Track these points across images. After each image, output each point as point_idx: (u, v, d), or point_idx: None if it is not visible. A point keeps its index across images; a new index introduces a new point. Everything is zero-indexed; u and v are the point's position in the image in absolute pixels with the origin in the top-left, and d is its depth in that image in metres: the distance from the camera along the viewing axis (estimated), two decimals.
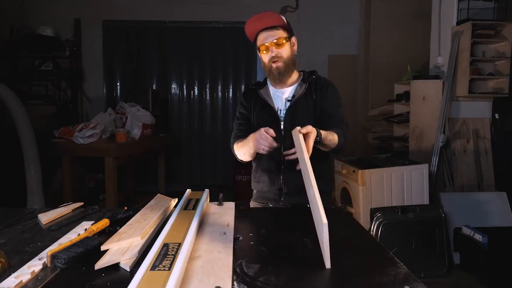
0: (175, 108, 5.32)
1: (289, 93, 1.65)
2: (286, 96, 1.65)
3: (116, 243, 0.98)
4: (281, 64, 1.57)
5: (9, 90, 3.27)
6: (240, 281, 0.83)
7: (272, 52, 1.56)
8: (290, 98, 1.64)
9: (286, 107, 1.63)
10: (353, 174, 3.01)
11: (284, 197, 1.63)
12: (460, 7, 3.55)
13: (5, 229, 1.20)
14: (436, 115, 3.55)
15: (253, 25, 1.58)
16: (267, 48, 1.57)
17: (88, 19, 5.08)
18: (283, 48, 1.57)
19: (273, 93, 1.68)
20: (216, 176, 5.31)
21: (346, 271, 0.91)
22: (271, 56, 1.56)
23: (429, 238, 2.81)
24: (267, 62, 1.59)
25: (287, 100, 1.64)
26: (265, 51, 1.58)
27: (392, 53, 4.69)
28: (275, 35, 1.55)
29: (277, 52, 1.56)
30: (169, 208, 1.37)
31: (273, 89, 1.69)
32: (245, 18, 1.57)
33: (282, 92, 1.67)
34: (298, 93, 1.62)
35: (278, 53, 1.56)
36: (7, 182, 3.53)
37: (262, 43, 1.57)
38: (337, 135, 1.47)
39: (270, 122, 1.61)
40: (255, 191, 1.77)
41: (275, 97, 1.67)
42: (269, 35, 1.56)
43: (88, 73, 5.18)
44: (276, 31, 1.56)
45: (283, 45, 1.56)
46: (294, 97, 1.63)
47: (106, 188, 3.43)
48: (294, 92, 1.64)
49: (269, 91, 1.69)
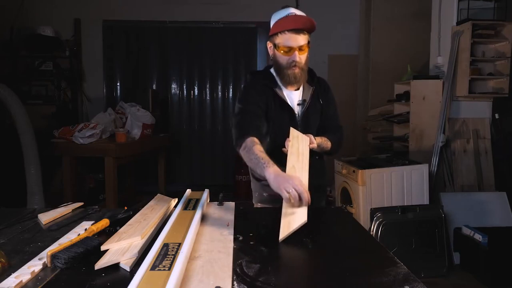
0: (175, 108, 5.32)
1: (299, 96, 1.64)
2: (296, 99, 1.64)
3: (116, 243, 0.98)
4: (299, 70, 1.53)
5: (9, 90, 3.28)
6: (240, 281, 0.83)
7: (295, 57, 1.50)
8: (300, 102, 1.63)
9: (297, 110, 1.62)
10: (353, 174, 3.01)
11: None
12: (460, 7, 3.55)
13: (5, 229, 1.20)
14: (436, 115, 3.55)
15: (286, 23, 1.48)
16: (290, 49, 1.49)
17: (88, 19, 5.07)
18: (305, 54, 1.53)
19: (287, 95, 1.63)
20: (216, 176, 5.31)
21: (346, 271, 0.91)
22: (292, 61, 1.50)
23: (429, 238, 2.81)
24: (285, 63, 1.53)
25: (297, 104, 1.63)
26: (287, 52, 1.50)
27: (392, 53, 4.69)
28: (302, 40, 1.49)
29: (299, 57, 1.51)
30: (169, 208, 1.37)
31: (285, 90, 1.63)
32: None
33: (294, 94, 1.64)
34: (307, 97, 1.63)
35: (300, 59, 1.51)
36: (7, 182, 3.53)
37: (286, 44, 1.49)
38: (331, 142, 1.57)
39: (290, 125, 1.58)
40: (265, 194, 1.67)
41: (289, 99, 1.63)
42: (296, 38, 1.48)
43: (88, 73, 5.17)
44: (302, 35, 1.49)
45: (305, 51, 1.52)
46: (304, 101, 1.63)
47: (106, 188, 3.43)
48: (304, 96, 1.63)
49: (283, 92, 1.63)
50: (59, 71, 4.86)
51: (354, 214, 2.96)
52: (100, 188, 3.99)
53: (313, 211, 1.40)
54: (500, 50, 3.53)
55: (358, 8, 5.15)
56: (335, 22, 5.12)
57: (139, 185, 4.77)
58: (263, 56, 5.20)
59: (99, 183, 4.08)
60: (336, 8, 5.15)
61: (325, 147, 1.54)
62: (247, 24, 5.07)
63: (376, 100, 4.69)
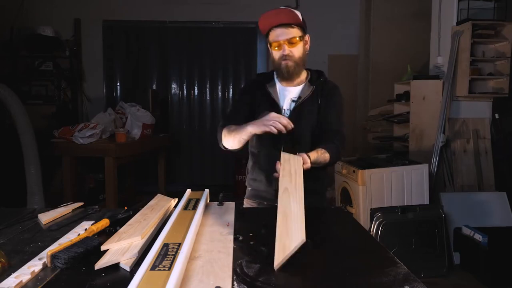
0: (175, 108, 5.32)
1: (296, 93, 1.62)
2: (292, 96, 1.62)
3: (116, 243, 0.98)
4: (292, 63, 1.53)
5: (9, 90, 3.28)
6: (240, 281, 0.83)
7: (284, 51, 1.52)
8: (295, 99, 1.61)
9: (291, 108, 1.60)
10: (353, 174, 3.01)
11: None
12: (460, 7, 3.55)
13: (5, 229, 1.20)
14: (436, 115, 3.55)
15: (268, 20, 1.52)
16: (279, 45, 1.52)
17: (88, 19, 5.07)
18: (296, 47, 1.52)
19: (280, 91, 1.64)
20: (216, 176, 5.31)
21: (346, 271, 0.91)
22: (283, 54, 1.52)
23: (429, 238, 2.81)
24: (277, 59, 1.55)
25: (292, 100, 1.61)
26: (277, 47, 1.53)
27: (392, 53, 4.69)
28: (290, 33, 1.50)
29: (289, 51, 1.52)
30: (169, 208, 1.37)
31: (280, 86, 1.64)
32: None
33: (289, 91, 1.63)
34: (304, 95, 1.59)
35: (290, 52, 1.52)
36: (7, 182, 3.53)
37: (275, 40, 1.52)
38: (329, 155, 1.47)
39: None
40: (249, 189, 1.74)
41: (281, 95, 1.63)
42: (283, 32, 1.50)
43: (88, 73, 5.17)
44: (291, 29, 1.50)
45: (296, 44, 1.52)
46: (299, 99, 1.59)
47: (106, 188, 3.43)
48: (301, 93, 1.61)
49: (276, 88, 1.64)
50: (59, 71, 4.86)
51: (354, 214, 2.96)
52: (100, 188, 3.99)
53: (313, 211, 1.40)
54: (500, 50, 3.53)
55: (358, 8, 5.15)
56: (335, 22, 5.12)
57: (139, 185, 4.77)
58: (263, 56, 5.20)
59: (99, 183, 4.08)
60: (336, 8, 5.15)
61: (322, 161, 1.45)
62: (247, 24, 5.07)
63: (376, 100, 4.69)
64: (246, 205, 1.75)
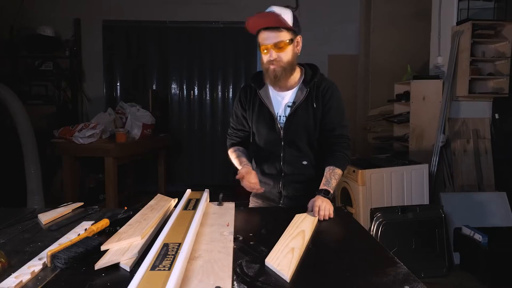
0: (175, 108, 5.32)
1: (290, 98, 1.57)
2: (286, 101, 1.57)
3: (116, 243, 0.98)
4: (278, 68, 1.47)
5: (9, 90, 3.28)
6: (240, 281, 0.83)
7: (271, 56, 1.45)
8: (290, 104, 1.56)
9: (286, 114, 1.56)
10: (353, 174, 3.01)
11: (284, 200, 1.64)
12: (460, 7, 3.55)
13: (5, 229, 1.20)
14: (436, 115, 3.55)
15: (255, 23, 1.46)
16: (267, 48, 1.46)
17: (88, 19, 5.07)
18: (284, 51, 1.46)
19: (273, 96, 1.59)
20: (216, 176, 5.31)
21: (346, 271, 0.91)
22: (269, 59, 1.47)
23: (429, 238, 2.81)
24: (265, 63, 1.49)
25: (287, 105, 1.57)
26: (265, 50, 1.47)
27: (392, 53, 4.69)
28: (277, 37, 1.43)
29: (276, 55, 1.45)
30: (169, 208, 1.37)
31: (273, 91, 1.59)
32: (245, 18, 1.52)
33: (282, 96, 1.58)
34: (298, 100, 1.54)
35: (278, 57, 1.45)
36: (7, 182, 3.53)
37: (262, 43, 1.47)
38: (339, 168, 1.51)
39: (269, 129, 1.58)
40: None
41: (275, 101, 1.58)
42: (270, 36, 1.44)
43: (88, 73, 5.17)
44: (278, 32, 1.43)
45: (284, 48, 1.45)
46: (294, 104, 1.54)
47: (106, 188, 3.43)
48: (295, 98, 1.55)
49: (268, 93, 1.59)
50: (59, 71, 4.86)
51: (354, 214, 2.96)
52: (100, 188, 3.99)
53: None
54: (500, 50, 3.52)
55: (358, 8, 5.15)
56: (335, 22, 5.12)
57: (139, 185, 4.77)
58: None
59: (99, 183, 4.08)
60: (336, 8, 5.15)
61: (338, 178, 1.49)
62: None
63: (376, 100, 4.69)
64: (251, 203, 1.77)
